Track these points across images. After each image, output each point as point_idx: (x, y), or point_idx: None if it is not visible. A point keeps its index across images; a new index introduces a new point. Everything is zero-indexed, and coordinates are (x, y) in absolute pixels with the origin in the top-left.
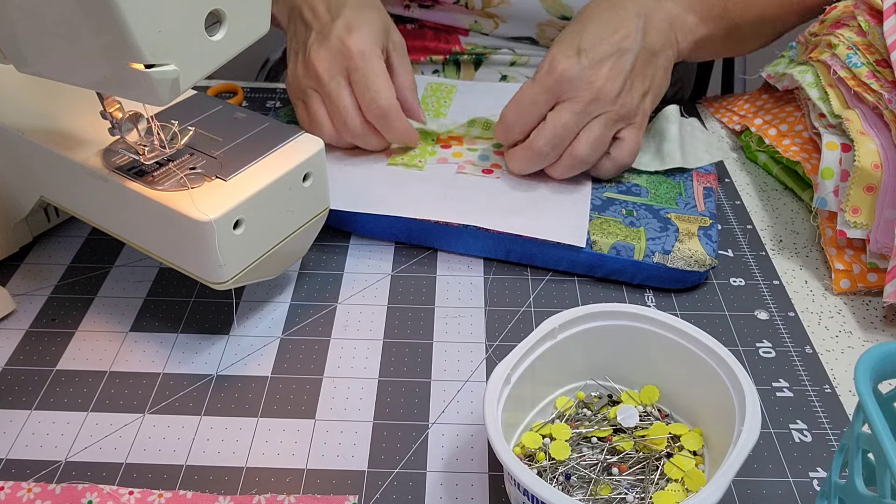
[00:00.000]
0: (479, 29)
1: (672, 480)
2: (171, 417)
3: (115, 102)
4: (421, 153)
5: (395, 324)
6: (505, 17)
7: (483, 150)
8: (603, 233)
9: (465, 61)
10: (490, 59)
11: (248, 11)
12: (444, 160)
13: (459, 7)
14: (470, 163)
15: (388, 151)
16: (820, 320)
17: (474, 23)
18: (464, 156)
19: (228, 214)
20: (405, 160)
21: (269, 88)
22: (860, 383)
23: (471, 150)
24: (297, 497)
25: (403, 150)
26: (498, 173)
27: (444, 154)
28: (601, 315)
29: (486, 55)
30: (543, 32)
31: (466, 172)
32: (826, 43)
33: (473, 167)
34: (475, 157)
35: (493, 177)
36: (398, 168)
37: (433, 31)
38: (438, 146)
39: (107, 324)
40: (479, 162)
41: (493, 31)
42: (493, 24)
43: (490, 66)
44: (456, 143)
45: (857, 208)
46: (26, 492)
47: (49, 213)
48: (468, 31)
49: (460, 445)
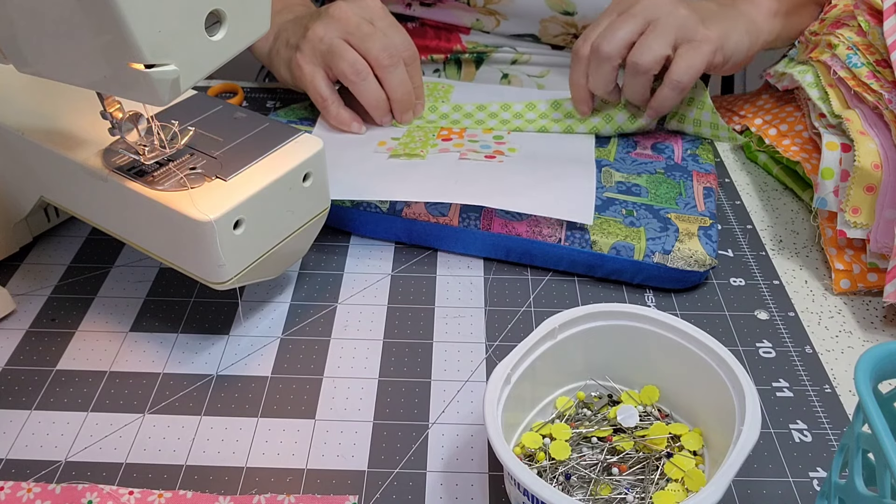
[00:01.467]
0: (480, 27)
1: (672, 480)
2: (171, 417)
3: (115, 102)
4: (422, 145)
5: (395, 324)
6: (507, 14)
7: (484, 141)
8: (603, 233)
9: (466, 60)
10: (491, 58)
11: (248, 11)
12: (446, 150)
13: (461, 4)
14: (472, 151)
15: (389, 147)
16: (820, 320)
17: (476, 21)
18: (465, 146)
19: (228, 214)
20: (407, 151)
21: (269, 88)
22: (860, 383)
23: (472, 142)
24: (297, 497)
25: (404, 144)
26: (501, 158)
27: (446, 145)
28: (601, 315)
29: (487, 54)
30: (546, 29)
31: (469, 159)
32: (826, 43)
33: (476, 154)
34: (477, 147)
35: (497, 161)
36: (400, 160)
37: (434, 29)
38: (439, 139)
39: (107, 324)
40: (482, 150)
41: (495, 29)
42: (495, 21)
43: (491, 65)
44: (457, 136)
45: (857, 208)
46: (26, 492)
47: (49, 213)
48: (469, 30)
49: (460, 445)
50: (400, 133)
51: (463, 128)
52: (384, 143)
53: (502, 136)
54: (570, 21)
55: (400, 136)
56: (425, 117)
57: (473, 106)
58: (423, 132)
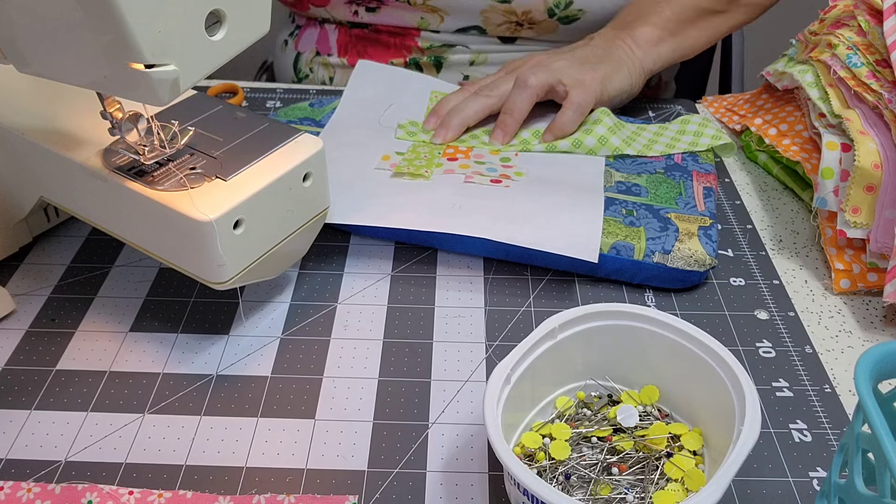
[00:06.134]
0: (426, 26)
1: (672, 480)
2: (171, 417)
3: (115, 102)
4: (427, 164)
5: (395, 324)
6: (448, 10)
7: (491, 163)
8: (603, 233)
9: (425, 63)
10: (449, 61)
11: (248, 11)
12: (451, 171)
13: (403, 4)
14: (478, 174)
15: (393, 164)
16: (820, 320)
17: (421, 19)
18: (471, 167)
19: (228, 214)
20: (411, 169)
21: (269, 88)
22: (860, 383)
23: (478, 163)
24: (297, 497)
25: (409, 161)
26: (507, 182)
27: (451, 166)
28: (601, 315)
29: (444, 57)
30: (488, 19)
31: (475, 182)
32: (826, 43)
33: (482, 177)
34: (483, 170)
35: (503, 186)
36: (403, 179)
37: (387, 34)
38: (445, 159)
39: (107, 324)
40: (488, 173)
41: (441, 26)
42: (439, 18)
43: (451, 68)
44: (463, 156)
45: (857, 208)
46: (26, 492)
47: (49, 213)
48: (419, 31)
49: (460, 445)
50: (404, 148)
51: (469, 147)
52: (388, 158)
53: (509, 159)
54: (508, 9)
55: (405, 150)
56: (430, 133)
57: (480, 129)
58: (429, 148)
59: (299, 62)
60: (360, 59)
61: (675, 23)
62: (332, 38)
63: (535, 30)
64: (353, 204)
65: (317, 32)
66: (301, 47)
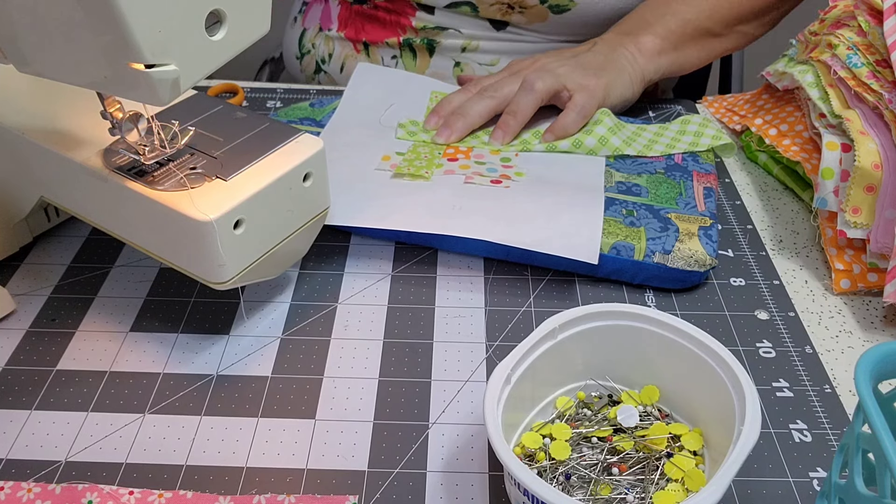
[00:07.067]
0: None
1: (672, 480)
2: (171, 417)
3: (116, 102)
4: (427, 165)
5: (395, 324)
6: None
7: (491, 163)
8: (603, 233)
9: (418, 46)
10: (442, 45)
11: (248, 11)
12: (452, 172)
13: None
14: (478, 174)
15: (393, 164)
16: (820, 320)
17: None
18: (472, 168)
19: (228, 214)
20: (411, 170)
21: (269, 88)
22: (860, 383)
23: (479, 163)
24: (297, 497)
25: (409, 161)
26: (507, 183)
27: (451, 167)
28: (601, 315)
29: (436, 41)
30: None
31: (475, 183)
32: (826, 43)
33: (482, 178)
34: (483, 170)
35: (503, 186)
36: (404, 180)
37: (384, 10)
38: (445, 159)
39: (107, 324)
40: (488, 173)
41: (436, 2)
42: None
43: (443, 53)
44: (463, 156)
45: (857, 208)
46: (26, 492)
47: (49, 213)
48: (414, 10)
49: (460, 445)
50: (405, 148)
51: (470, 147)
52: (388, 158)
53: (510, 159)
54: None
55: (405, 151)
56: (430, 132)
57: (481, 129)
58: (430, 149)
59: (304, 38)
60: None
61: (678, 36)
62: (334, 14)
63: (526, 15)
64: (354, 205)
65: (321, 7)
66: (307, 23)
